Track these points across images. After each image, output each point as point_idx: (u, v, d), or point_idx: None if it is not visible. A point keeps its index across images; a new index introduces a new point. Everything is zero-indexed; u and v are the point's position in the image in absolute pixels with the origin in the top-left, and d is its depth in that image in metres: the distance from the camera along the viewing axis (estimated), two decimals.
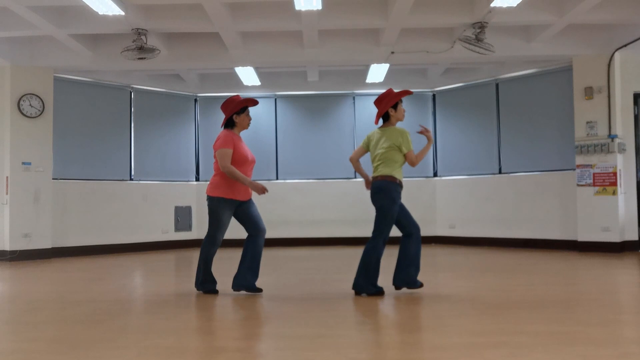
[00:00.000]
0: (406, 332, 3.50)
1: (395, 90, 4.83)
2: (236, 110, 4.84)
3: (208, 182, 5.05)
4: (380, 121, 4.90)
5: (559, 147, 8.81)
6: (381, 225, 4.68)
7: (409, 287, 4.81)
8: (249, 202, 4.91)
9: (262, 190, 4.65)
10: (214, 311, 4.19)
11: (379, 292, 4.71)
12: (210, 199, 4.81)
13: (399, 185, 4.69)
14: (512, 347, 3.01)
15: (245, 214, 4.88)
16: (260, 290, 4.91)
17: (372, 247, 4.68)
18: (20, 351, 3.14)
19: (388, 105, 4.76)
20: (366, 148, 4.93)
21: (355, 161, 5.00)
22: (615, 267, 6.51)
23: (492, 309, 4.07)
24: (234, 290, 4.88)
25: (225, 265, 7.52)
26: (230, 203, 4.79)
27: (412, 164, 4.72)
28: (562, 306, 4.13)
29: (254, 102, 4.90)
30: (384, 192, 4.66)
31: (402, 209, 4.79)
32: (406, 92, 4.81)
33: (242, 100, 4.85)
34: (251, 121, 5.00)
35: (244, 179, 4.68)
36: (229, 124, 4.89)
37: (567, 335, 3.25)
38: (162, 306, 4.45)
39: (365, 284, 4.69)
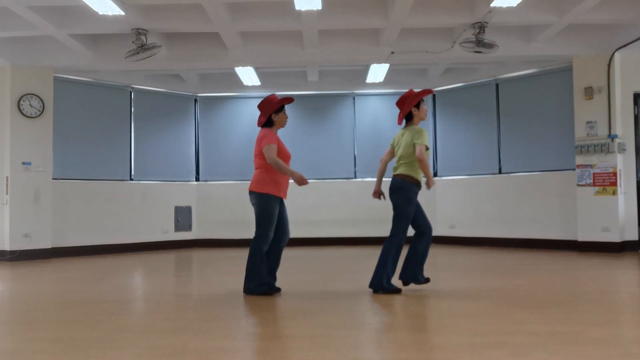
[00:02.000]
0: (406, 332, 3.50)
1: (416, 90, 4.95)
2: (275, 110, 4.93)
3: (208, 182, 5.05)
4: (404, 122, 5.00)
5: (559, 147, 8.80)
6: (398, 224, 4.78)
7: (415, 283, 4.91)
8: (283, 203, 4.96)
9: (302, 180, 4.65)
10: (214, 311, 4.19)
11: (395, 290, 4.77)
12: (259, 196, 4.79)
13: (416, 186, 4.81)
14: (512, 347, 3.01)
15: (279, 214, 4.91)
16: (278, 289, 4.93)
17: (389, 245, 4.77)
18: (20, 351, 3.14)
19: (411, 105, 4.86)
20: (392, 149, 5.04)
21: (383, 163, 5.10)
22: (615, 267, 6.51)
23: (492, 309, 4.07)
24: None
25: (227, 265, 7.52)
26: (276, 200, 4.82)
27: (419, 158, 4.72)
28: (562, 306, 4.13)
29: (290, 100, 5.00)
30: (402, 191, 4.77)
31: (419, 208, 4.90)
32: (427, 92, 4.96)
33: (280, 99, 4.96)
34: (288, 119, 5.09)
35: (288, 170, 4.74)
36: (268, 123, 4.96)
37: (567, 335, 3.25)
38: (162, 306, 4.45)
39: (381, 281, 4.75)
